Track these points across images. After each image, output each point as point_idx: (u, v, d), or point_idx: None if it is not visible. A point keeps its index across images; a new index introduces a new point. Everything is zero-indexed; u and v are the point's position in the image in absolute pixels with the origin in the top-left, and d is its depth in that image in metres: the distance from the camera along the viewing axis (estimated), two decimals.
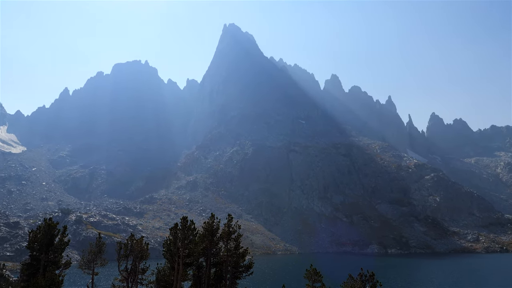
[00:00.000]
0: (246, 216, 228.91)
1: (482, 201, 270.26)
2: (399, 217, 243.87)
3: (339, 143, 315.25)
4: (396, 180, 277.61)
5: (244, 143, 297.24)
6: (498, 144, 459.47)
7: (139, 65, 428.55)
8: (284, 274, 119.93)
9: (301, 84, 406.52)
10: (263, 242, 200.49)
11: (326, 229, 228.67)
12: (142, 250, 47.08)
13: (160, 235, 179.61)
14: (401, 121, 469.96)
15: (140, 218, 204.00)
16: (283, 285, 31.98)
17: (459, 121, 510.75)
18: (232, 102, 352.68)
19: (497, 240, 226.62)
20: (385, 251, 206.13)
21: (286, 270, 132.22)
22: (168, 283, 45.80)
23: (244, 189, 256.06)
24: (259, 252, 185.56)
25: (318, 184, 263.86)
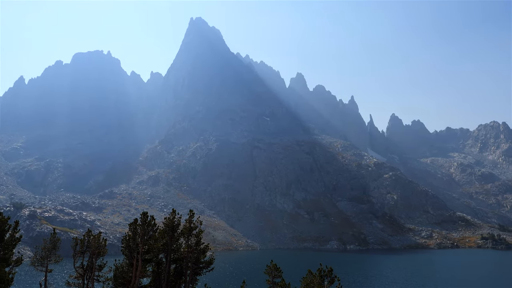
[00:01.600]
0: (209, 212, 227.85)
1: (436, 199, 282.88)
2: (358, 214, 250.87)
3: (302, 141, 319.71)
4: (356, 178, 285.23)
5: (208, 139, 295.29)
6: (452, 145, 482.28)
7: (101, 56, 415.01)
8: (245, 270, 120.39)
9: (266, 81, 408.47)
10: (225, 238, 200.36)
11: (287, 225, 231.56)
12: (99, 246, 45.72)
13: (120, 231, 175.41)
14: (363, 121, 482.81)
15: (98, 214, 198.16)
16: (244, 281, 32.04)
17: (417, 122, 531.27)
18: (197, 97, 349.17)
19: (448, 236, 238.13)
20: (344, 247, 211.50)
21: (247, 266, 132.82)
22: (126, 280, 44.73)
23: (207, 185, 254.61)
24: (220, 248, 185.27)
25: (281, 181, 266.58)
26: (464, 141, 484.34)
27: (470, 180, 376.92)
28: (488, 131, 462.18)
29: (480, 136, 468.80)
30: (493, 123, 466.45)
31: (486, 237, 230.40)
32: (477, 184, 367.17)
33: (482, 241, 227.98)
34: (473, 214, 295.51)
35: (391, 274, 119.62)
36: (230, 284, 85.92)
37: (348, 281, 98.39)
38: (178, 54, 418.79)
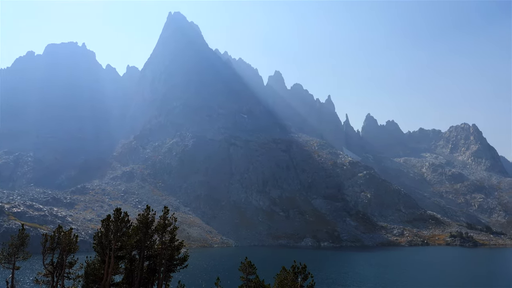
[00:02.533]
0: (184, 209, 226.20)
1: (408, 198, 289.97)
2: (332, 212, 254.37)
3: (279, 139, 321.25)
4: (332, 176, 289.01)
5: (185, 135, 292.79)
6: (424, 146, 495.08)
7: (75, 48, 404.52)
8: (219, 267, 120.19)
9: (244, 78, 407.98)
10: (200, 235, 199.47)
11: (263, 222, 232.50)
12: (70, 243, 44.57)
13: (92, 227, 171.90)
14: (339, 120, 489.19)
15: (70, 209, 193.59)
16: (218, 278, 31.97)
17: (391, 122, 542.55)
18: (174, 92, 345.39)
19: (419, 234, 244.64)
20: (318, 244, 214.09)
21: (222, 263, 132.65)
22: (97, 277, 43.84)
23: (182, 181, 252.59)
24: (195, 245, 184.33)
25: (257, 178, 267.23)
26: (436, 141, 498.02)
27: (441, 180, 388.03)
28: (459, 133, 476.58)
29: (451, 137, 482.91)
30: (464, 125, 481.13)
31: (454, 235, 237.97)
32: (447, 184, 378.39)
33: (450, 239, 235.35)
34: (443, 213, 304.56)
35: (363, 271, 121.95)
36: (205, 281, 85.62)
37: (321, 278, 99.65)
38: (155, 49, 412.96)
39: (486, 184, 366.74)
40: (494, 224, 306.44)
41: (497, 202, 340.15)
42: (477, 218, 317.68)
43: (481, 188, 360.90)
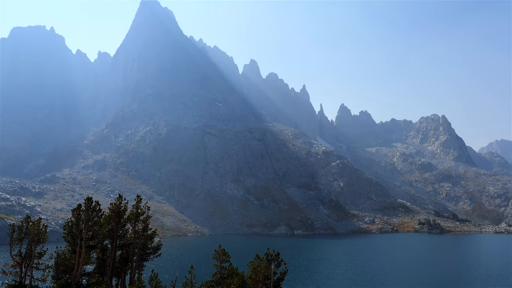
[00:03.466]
0: (157, 198, 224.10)
1: (379, 187, 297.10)
2: (306, 201, 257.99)
3: (254, 128, 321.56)
4: (306, 165, 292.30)
5: (159, 123, 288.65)
6: (396, 136, 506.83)
7: (43, 32, 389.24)
8: (193, 256, 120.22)
9: (220, 66, 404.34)
10: (174, 224, 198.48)
11: (237, 211, 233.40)
12: (39, 233, 43.47)
13: (62, 217, 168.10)
14: (313, 110, 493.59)
15: (39, 199, 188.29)
16: (191, 266, 31.99)
17: (364, 113, 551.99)
18: (148, 80, 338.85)
19: (389, 222, 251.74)
20: (292, 232, 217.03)
21: (196, 251, 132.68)
22: (68, 267, 43.04)
23: (156, 170, 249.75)
24: (169, 234, 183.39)
25: (231, 167, 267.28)
26: (407, 132, 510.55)
27: (411, 169, 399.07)
28: (429, 124, 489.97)
29: (421, 128, 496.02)
30: (433, 116, 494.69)
31: (422, 222, 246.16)
32: (417, 173, 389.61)
33: (419, 226, 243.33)
34: (412, 201, 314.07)
35: (335, 257, 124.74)
36: (178, 270, 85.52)
37: (294, 265, 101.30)
38: (128, 35, 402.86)
39: (453, 174, 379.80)
40: (460, 211, 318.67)
41: (463, 190, 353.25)
42: (444, 206, 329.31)
43: (449, 177, 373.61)
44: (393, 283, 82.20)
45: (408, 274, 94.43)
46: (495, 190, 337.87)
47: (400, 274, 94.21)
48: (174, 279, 38.25)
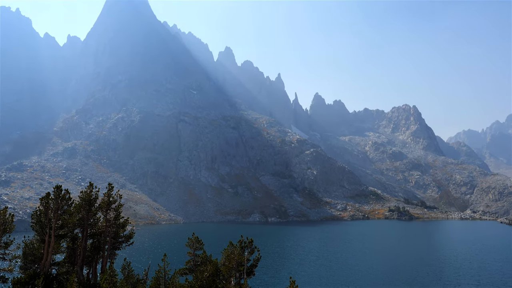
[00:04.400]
0: (130, 186, 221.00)
1: (351, 175, 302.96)
2: (280, 188, 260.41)
3: (228, 116, 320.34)
4: (280, 154, 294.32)
5: (131, 110, 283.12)
6: (368, 125, 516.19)
7: (8, 13, 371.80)
8: (167, 244, 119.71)
9: (194, 53, 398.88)
10: (147, 212, 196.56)
11: (211, 199, 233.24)
12: (5, 222, 42.08)
13: (31, 206, 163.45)
14: (288, 99, 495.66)
15: (5, 187, 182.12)
16: (165, 254, 31.81)
17: (338, 102, 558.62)
18: (120, 65, 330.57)
19: (361, 209, 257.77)
20: (266, 219, 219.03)
21: (170, 239, 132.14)
22: (37, 257, 41.95)
23: (128, 158, 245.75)
24: (142, 223, 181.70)
25: (206, 155, 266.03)
26: (379, 121, 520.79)
27: (382, 158, 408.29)
28: (400, 113, 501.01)
29: (393, 117, 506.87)
30: (405, 106, 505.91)
31: (392, 209, 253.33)
32: (388, 162, 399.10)
33: (389, 213, 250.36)
34: (383, 189, 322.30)
35: (307, 244, 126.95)
36: (151, 258, 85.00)
37: (267, 252, 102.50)
38: (99, 18, 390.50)
39: (422, 162, 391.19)
40: (428, 199, 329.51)
41: (431, 178, 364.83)
42: (413, 193, 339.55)
43: (418, 165, 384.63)
44: (364, 268, 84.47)
45: (379, 259, 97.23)
46: (462, 178, 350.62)
47: (370, 259, 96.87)
48: (147, 267, 37.95)
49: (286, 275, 71.31)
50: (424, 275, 76.72)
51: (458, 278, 73.41)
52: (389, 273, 78.82)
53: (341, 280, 72.09)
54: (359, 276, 75.45)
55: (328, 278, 73.61)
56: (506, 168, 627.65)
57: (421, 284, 68.78)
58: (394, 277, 74.90)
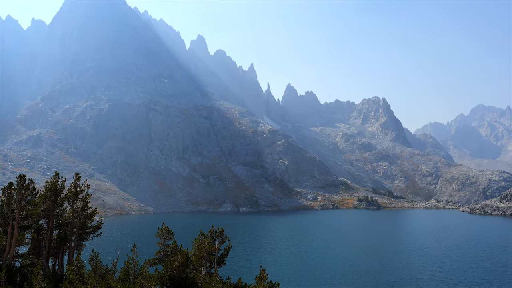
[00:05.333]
0: (99, 176, 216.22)
1: (322, 165, 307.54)
2: (251, 178, 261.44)
3: (200, 105, 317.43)
4: (252, 144, 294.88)
5: (100, 98, 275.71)
6: (339, 116, 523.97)
7: None
8: (137, 234, 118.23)
9: (165, 41, 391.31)
10: (117, 202, 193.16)
11: (182, 189, 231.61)
12: None
13: None
14: (261, 89, 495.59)
15: None
16: (134, 244, 31.37)
17: (310, 93, 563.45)
18: (88, 52, 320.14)
19: (331, 198, 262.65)
20: (237, 209, 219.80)
21: (139, 230, 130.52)
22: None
23: (97, 147, 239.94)
24: (111, 213, 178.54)
25: (177, 144, 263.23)
26: (350, 113, 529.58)
27: (352, 149, 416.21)
28: (370, 105, 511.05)
29: (363, 109, 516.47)
30: (375, 98, 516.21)
31: (361, 199, 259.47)
32: (357, 153, 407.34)
33: (358, 202, 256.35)
34: (352, 179, 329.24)
35: (278, 233, 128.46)
36: (120, 249, 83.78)
37: (238, 241, 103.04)
38: (66, 2, 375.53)
39: (390, 153, 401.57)
40: (395, 189, 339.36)
41: (399, 169, 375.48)
42: (381, 183, 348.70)
43: (386, 156, 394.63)
44: (332, 257, 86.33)
45: (347, 248, 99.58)
46: (427, 169, 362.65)
47: (339, 248, 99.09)
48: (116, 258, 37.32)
49: (257, 264, 72.01)
50: (390, 263, 79.23)
51: (423, 265, 76.24)
52: (357, 261, 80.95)
53: (310, 268, 73.45)
54: (328, 264, 77.11)
55: (298, 267, 74.82)
56: (469, 160, 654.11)
57: (387, 271, 71.02)
58: (361, 265, 76.99)
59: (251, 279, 32.57)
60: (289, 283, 61.32)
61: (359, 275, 67.66)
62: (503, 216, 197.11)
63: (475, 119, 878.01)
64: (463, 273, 68.60)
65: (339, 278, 65.44)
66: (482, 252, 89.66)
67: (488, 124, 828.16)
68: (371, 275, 67.65)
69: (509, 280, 62.82)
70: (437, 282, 61.65)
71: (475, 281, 62.62)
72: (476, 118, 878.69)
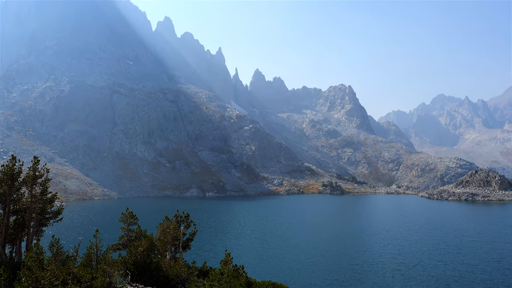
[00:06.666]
0: (60, 160, 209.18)
1: (288, 151, 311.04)
2: (218, 163, 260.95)
3: (167, 89, 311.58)
4: (219, 129, 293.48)
5: (60, 79, 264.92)
6: (306, 103, 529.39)
7: None
8: (99, 220, 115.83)
9: (131, 21, 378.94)
10: (79, 187, 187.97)
11: (148, 174, 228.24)
12: None
13: None
14: (228, 74, 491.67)
15: None
16: (97, 230, 30.65)
17: (278, 79, 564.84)
18: (47, 30, 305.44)
19: (296, 184, 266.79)
20: (203, 194, 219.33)
21: (103, 215, 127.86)
22: None
23: (58, 130, 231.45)
24: (73, 198, 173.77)
25: (142, 128, 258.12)
26: (316, 100, 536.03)
27: (318, 135, 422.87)
28: (337, 93, 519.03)
29: (329, 96, 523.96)
30: (341, 85, 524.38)
31: (326, 184, 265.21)
32: (323, 139, 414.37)
33: (322, 187, 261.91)
34: (318, 165, 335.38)
35: (243, 218, 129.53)
36: (82, 234, 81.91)
37: (204, 226, 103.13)
38: None
39: (355, 140, 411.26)
40: (358, 174, 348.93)
41: (362, 156, 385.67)
42: (345, 169, 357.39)
43: (351, 143, 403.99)
44: (296, 241, 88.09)
45: (311, 232, 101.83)
46: (389, 156, 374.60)
47: (303, 232, 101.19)
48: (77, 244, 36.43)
49: (222, 249, 72.46)
50: (352, 246, 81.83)
51: (383, 248, 79.22)
52: (319, 245, 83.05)
53: (275, 252, 74.70)
54: (292, 249, 78.67)
55: (262, 251, 75.89)
56: (429, 147, 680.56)
57: (349, 254, 73.36)
58: (324, 249, 79.07)
59: (217, 263, 32.74)
60: (254, 267, 62.18)
61: (322, 258, 69.54)
62: (458, 201, 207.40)
63: (435, 108, 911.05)
64: (421, 255, 71.88)
65: (302, 261, 67.00)
66: (439, 235, 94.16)
67: (447, 114, 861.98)
68: (333, 259, 69.68)
69: (461, 262, 66.42)
70: (396, 265, 64.32)
71: (432, 263, 65.80)
72: (437, 107, 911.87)
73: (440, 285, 52.74)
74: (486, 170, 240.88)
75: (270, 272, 59.11)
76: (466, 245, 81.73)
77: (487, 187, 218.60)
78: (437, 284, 53.53)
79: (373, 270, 60.62)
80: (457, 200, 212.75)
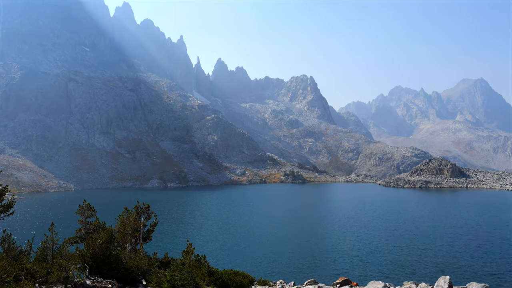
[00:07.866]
0: (11, 151, 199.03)
1: (250, 141, 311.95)
2: (180, 154, 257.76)
3: (126, 77, 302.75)
4: (180, 118, 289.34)
5: (11, 65, 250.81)
6: (268, 93, 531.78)
7: None
8: (55, 213, 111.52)
9: (87, 6, 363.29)
10: (32, 179, 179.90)
11: (107, 165, 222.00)
12: None
13: None
14: (190, 62, 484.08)
15: None
16: (52, 223, 29.38)
17: (240, 69, 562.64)
18: None
19: (258, 173, 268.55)
20: (165, 185, 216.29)
21: (59, 208, 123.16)
22: None
23: (8, 120, 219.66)
24: (27, 191, 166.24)
25: (100, 118, 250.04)
26: (279, 90, 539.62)
27: (280, 125, 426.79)
28: (299, 83, 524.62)
29: (292, 86, 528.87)
30: (303, 76, 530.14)
31: (287, 174, 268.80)
32: (285, 129, 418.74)
33: (284, 177, 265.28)
34: (280, 154, 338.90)
35: (205, 209, 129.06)
36: (36, 228, 78.57)
37: (165, 217, 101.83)
38: None
39: (316, 130, 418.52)
40: (319, 164, 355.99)
41: (323, 145, 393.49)
42: (307, 159, 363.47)
43: (312, 133, 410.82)
44: (259, 230, 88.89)
45: (273, 221, 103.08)
46: (349, 146, 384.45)
47: (265, 221, 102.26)
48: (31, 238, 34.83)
49: (184, 239, 71.84)
50: (313, 234, 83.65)
51: (343, 235, 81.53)
52: (281, 233, 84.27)
53: (237, 241, 75.03)
54: (254, 238, 79.34)
55: (225, 241, 76.02)
56: (386, 137, 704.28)
57: (310, 242, 74.95)
58: (286, 237, 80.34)
59: (178, 254, 32.38)
60: (216, 257, 62.22)
61: (283, 247, 70.62)
62: (413, 189, 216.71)
63: (393, 100, 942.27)
64: (379, 240, 74.58)
65: (264, 250, 67.76)
66: (395, 221, 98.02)
67: (404, 105, 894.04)
68: (294, 246, 70.95)
69: (416, 247, 69.60)
70: (355, 250, 66.38)
71: (388, 248, 68.47)
72: (394, 99, 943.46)
73: (396, 269, 55.01)
74: (439, 159, 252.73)
75: (232, 261, 59.37)
76: (421, 230, 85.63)
77: (439, 175, 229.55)
78: (394, 267, 55.81)
79: (333, 257, 62.32)
80: (412, 187, 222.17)
